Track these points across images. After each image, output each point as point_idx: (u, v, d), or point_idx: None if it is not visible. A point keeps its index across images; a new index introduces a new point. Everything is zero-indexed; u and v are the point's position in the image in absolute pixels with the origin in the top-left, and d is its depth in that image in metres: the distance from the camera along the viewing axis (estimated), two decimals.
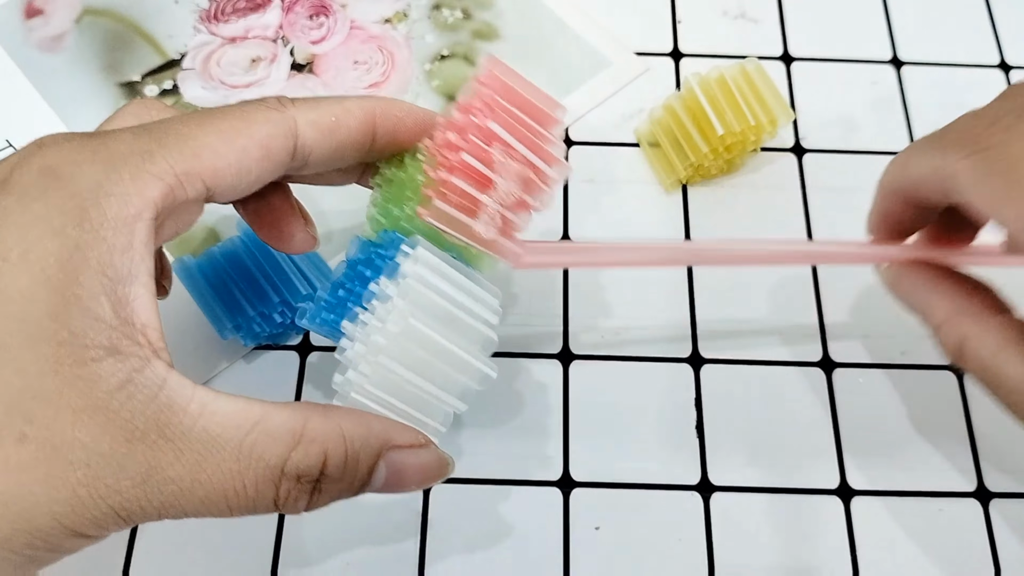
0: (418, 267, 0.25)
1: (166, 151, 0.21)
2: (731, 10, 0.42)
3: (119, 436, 0.19)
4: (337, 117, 0.25)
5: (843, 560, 0.30)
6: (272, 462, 0.21)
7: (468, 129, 0.25)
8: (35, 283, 0.19)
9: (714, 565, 0.30)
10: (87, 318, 0.19)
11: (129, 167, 0.20)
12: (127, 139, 0.21)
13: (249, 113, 0.23)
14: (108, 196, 0.20)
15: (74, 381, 0.19)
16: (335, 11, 0.41)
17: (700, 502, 0.31)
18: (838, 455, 0.32)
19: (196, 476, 0.20)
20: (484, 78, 0.27)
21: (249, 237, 0.32)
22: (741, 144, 0.36)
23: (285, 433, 0.21)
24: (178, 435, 0.20)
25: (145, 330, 0.20)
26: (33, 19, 0.41)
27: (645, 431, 0.32)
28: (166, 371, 0.20)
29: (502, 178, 0.26)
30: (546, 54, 0.40)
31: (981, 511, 0.31)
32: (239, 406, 0.21)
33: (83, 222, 0.20)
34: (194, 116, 0.22)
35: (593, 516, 0.31)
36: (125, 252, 0.20)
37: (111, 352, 0.19)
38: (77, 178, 0.20)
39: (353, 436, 0.22)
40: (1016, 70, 0.41)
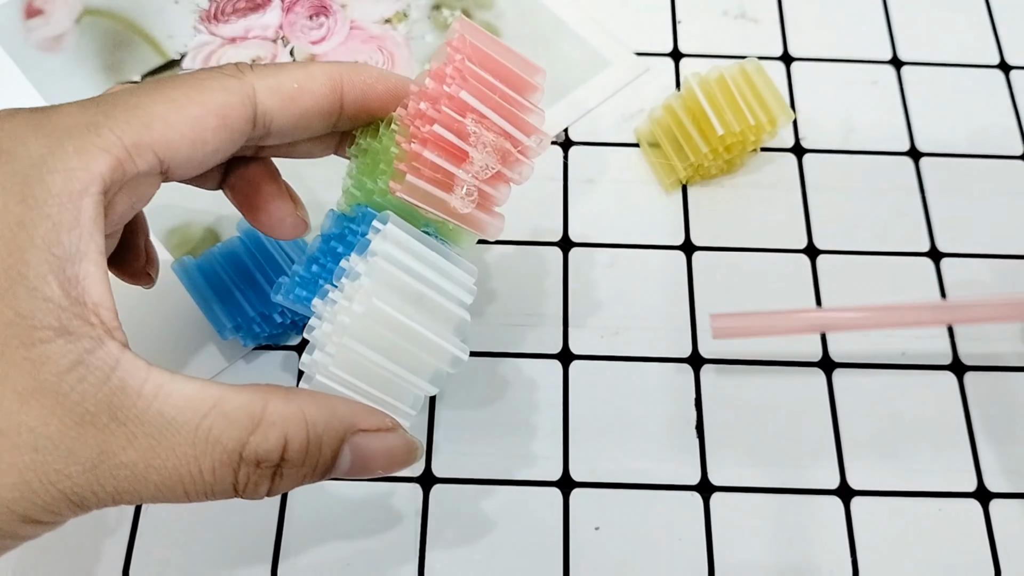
0: (387, 244, 0.23)
1: (113, 122, 0.20)
2: (731, 10, 0.42)
3: (68, 419, 0.19)
4: (300, 83, 0.24)
5: (843, 560, 0.30)
6: (229, 447, 0.20)
7: (440, 99, 0.24)
8: None
9: (714, 565, 0.30)
10: (34, 298, 0.19)
11: (74, 140, 0.20)
12: (73, 112, 0.20)
13: (203, 81, 0.22)
14: (52, 172, 0.19)
15: (21, 363, 0.18)
16: (335, 11, 0.41)
17: (700, 502, 0.31)
18: (838, 455, 0.32)
19: (150, 461, 0.19)
20: (456, 43, 0.25)
21: (249, 237, 0.32)
22: (741, 144, 0.36)
23: (244, 416, 0.20)
24: (131, 418, 0.19)
25: (97, 309, 0.19)
26: (33, 19, 0.41)
27: (645, 431, 0.32)
28: (119, 351, 0.19)
29: (477, 151, 0.25)
30: (546, 54, 0.40)
31: (981, 511, 0.31)
32: (196, 388, 0.20)
33: (26, 199, 0.19)
34: (145, 86, 0.22)
35: (593, 516, 0.31)
36: (72, 229, 0.19)
37: (60, 333, 0.19)
38: (19, 154, 0.19)
39: (316, 420, 0.21)
40: (1016, 70, 0.41)
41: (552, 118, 0.39)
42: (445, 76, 0.25)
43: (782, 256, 0.36)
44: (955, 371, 0.34)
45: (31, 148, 0.19)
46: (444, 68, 0.25)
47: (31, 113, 0.20)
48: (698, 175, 0.37)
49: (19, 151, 0.19)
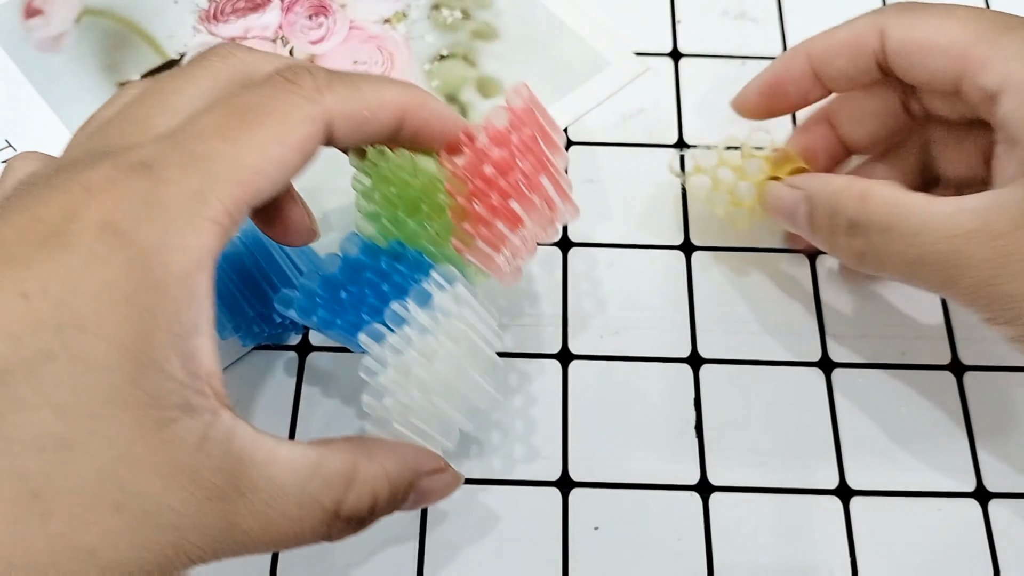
0: (455, 304, 0.25)
1: (214, 186, 0.20)
2: (731, 10, 0.42)
3: (201, 496, 0.20)
4: (371, 111, 0.24)
5: (843, 560, 0.30)
6: (329, 508, 0.22)
7: (510, 171, 0.26)
8: (112, 350, 0.19)
9: (713, 565, 0.30)
10: (161, 379, 0.19)
11: (184, 215, 0.20)
12: (175, 177, 0.20)
13: (288, 113, 0.22)
14: (170, 251, 0.20)
15: (159, 446, 0.19)
16: (334, 11, 0.41)
17: (699, 502, 0.31)
18: (837, 455, 0.32)
19: (266, 526, 0.21)
20: (523, 114, 0.27)
21: (248, 238, 0.32)
22: None
23: (339, 478, 0.22)
24: (249, 487, 0.20)
25: (210, 380, 0.20)
26: (33, 19, 0.41)
27: (644, 431, 0.32)
28: (232, 420, 0.20)
29: (531, 220, 0.27)
30: (545, 54, 0.40)
31: (980, 511, 0.31)
32: (298, 452, 0.21)
33: (149, 283, 0.19)
34: (231, 123, 0.21)
35: (592, 516, 0.31)
36: (190, 306, 0.20)
37: (185, 410, 0.20)
38: (138, 236, 0.19)
39: (393, 473, 0.23)
40: None
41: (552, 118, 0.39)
42: (509, 142, 0.26)
43: (783, 256, 0.36)
44: (955, 371, 0.34)
45: (147, 229, 0.19)
46: (508, 134, 0.26)
47: (132, 176, 0.20)
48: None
49: (137, 233, 0.19)
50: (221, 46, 0.24)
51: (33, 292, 0.18)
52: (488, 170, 0.26)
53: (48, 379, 0.18)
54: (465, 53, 0.40)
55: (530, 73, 0.40)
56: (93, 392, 0.18)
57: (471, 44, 0.41)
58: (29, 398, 0.18)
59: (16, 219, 0.19)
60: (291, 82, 0.23)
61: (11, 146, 0.37)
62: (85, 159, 0.21)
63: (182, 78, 0.23)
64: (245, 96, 0.22)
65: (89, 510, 0.18)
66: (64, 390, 0.18)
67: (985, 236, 0.25)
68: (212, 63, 0.24)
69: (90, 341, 0.19)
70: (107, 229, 0.19)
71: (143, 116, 0.22)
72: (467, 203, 0.26)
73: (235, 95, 0.22)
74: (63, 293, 0.19)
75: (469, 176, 0.26)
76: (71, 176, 0.20)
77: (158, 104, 0.22)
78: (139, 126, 0.22)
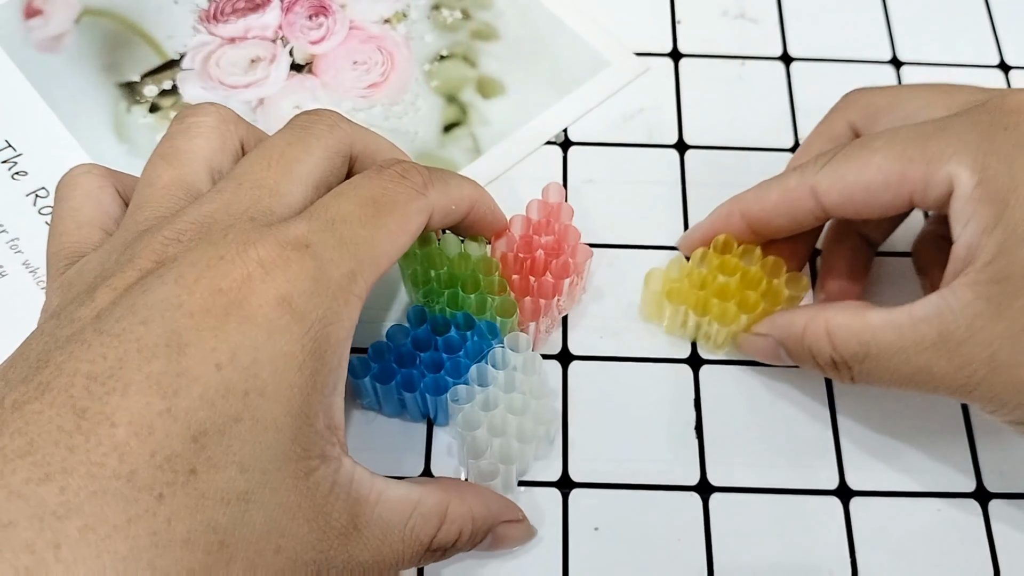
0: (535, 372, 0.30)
1: (362, 267, 0.23)
2: (731, 10, 0.42)
3: (332, 535, 0.22)
4: (457, 205, 0.28)
5: (842, 560, 0.30)
6: (425, 541, 0.24)
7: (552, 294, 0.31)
8: (284, 413, 0.21)
9: (713, 565, 0.30)
10: (311, 433, 0.22)
11: (343, 293, 0.23)
12: (333, 258, 0.23)
13: (407, 205, 0.25)
14: (331, 324, 0.22)
15: (305, 492, 0.22)
16: (334, 11, 0.41)
17: (699, 502, 0.31)
18: (837, 455, 0.32)
19: (376, 558, 0.23)
20: (562, 214, 0.33)
21: None
22: None
23: (434, 516, 0.25)
24: (364, 525, 0.23)
25: (338, 431, 0.23)
26: (33, 19, 0.41)
27: (644, 431, 0.32)
28: (352, 467, 0.23)
29: (563, 295, 0.32)
30: (545, 54, 0.40)
31: (980, 511, 0.31)
32: (401, 492, 0.24)
33: (316, 353, 0.22)
34: (367, 211, 0.24)
35: (592, 516, 0.31)
36: (336, 369, 0.23)
37: (323, 459, 0.22)
38: (309, 312, 0.22)
39: (478, 516, 0.26)
40: (1016, 70, 0.41)
41: (552, 118, 0.39)
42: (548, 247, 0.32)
43: None
44: None
45: (315, 305, 0.22)
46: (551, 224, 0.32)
47: (298, 255, 0.22)
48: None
49: (308, 309, 0.22)
50: (324, 115, 0.27)
51: (224, 362, 0.20)
52: (539, 254, 0.32)
53: (235, 440, 0.20)
54: (465, 53, 0.40)
55: (530, 73, 0.40)
56: (267, 450, 0.21)
57: (471, 44, 0.41)
58: (219, 457, 0.20)
59: (197, 288, 0.21)
60: (405, 178, 0.26)
61: (11, 146, 0.37)
62: (238, 226, 0.23)
63: (299, 146, 0.26)
64: (371, 186, 0.25)
65: (259, 555, 0.21)
66: (246, 449, 0.20)
67: (946, 348, 0.25)
68: (322, 132, 0.26)
69: (269, 405, 0.21)
70: (284, 304, 0.21)
71: (272, 184, 0.24)
72: (511, 280, 0.32)
73: (361, 185, 0.25)
74: (250, 363, 0.21)
75: (521, 258, 0.32)
76: (240, 249, 0.22)
77: (286, 174, 0.25)
78: (274, 195, 0.24)
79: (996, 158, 0.24)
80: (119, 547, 0.18)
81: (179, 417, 0.19)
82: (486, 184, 0.37)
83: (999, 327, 0.24)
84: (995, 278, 0.24)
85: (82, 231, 0.25)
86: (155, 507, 0.19)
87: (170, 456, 0.19)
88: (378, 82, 0.40)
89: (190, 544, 0.19)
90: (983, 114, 0.25)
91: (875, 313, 0.27)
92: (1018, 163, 0.24)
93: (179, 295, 0.21)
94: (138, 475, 0.19)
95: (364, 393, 0.31)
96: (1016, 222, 0.23)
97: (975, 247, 0.24)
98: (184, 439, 0.19)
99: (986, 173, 0.24)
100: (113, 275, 0.22)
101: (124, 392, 0.19)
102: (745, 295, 0.31)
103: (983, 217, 0.24)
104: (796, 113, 0.39)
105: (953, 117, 0.26)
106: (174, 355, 0.20)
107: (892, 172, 0.26)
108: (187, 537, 0.19)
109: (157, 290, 0.21)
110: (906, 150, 0.26)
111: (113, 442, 0.19)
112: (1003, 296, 0.24)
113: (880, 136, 0.27)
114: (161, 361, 0.20)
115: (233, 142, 0.27)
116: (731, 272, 0.32)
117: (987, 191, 0.24)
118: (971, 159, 0.24)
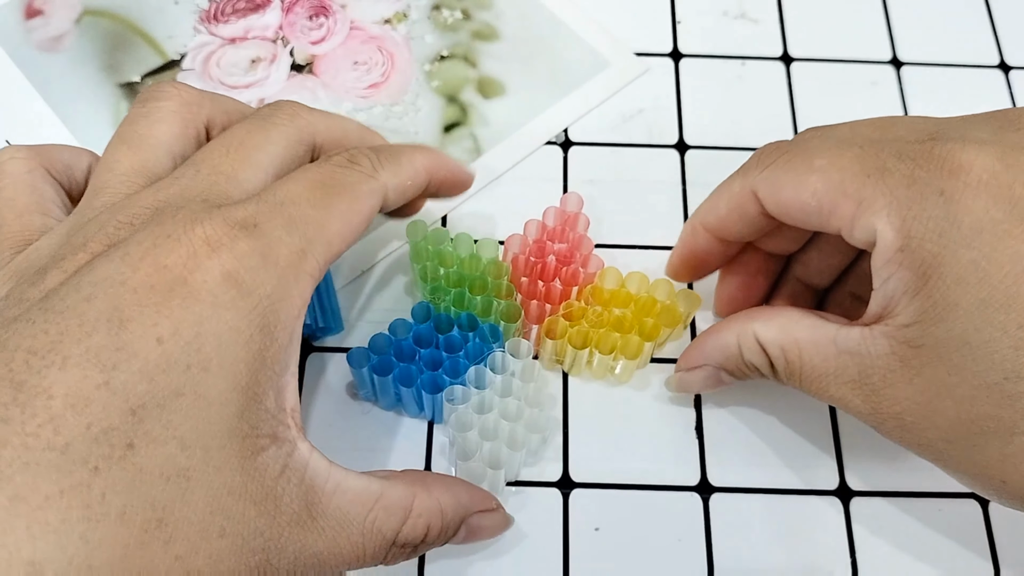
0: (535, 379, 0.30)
1: (312, 247, 0.23)
2: (731, 10, 0.42)
3: (283, 522, 0.21)
4: (412, 181, 0.28)
5: (843, 561, 0.30)
6: (388, 536, 0.24)
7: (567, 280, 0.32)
8: (229, 388, 0.21)
9: (713, 566, 0.30)
10: (260, 411, 0.21)
11: (292, 271, 0.22)
12: (282, 237, 0.23)
13: (357, 187, 0.25)
14: (280, 301, 0.22)
15: (252, 473, 0.21)
16: (335, 11, 0.41)
17: (699, 503, 0.31)
18: (837, 455, 0.32)
19: (332, 550, 0.23)
20: (578, 224, 0.33)
21: None
22: None
23: (398, 509, 0.24)
24: (320, 514, 0.22)
25: (293, 413, 0.23)
26: (33, 19, 0.41)
27: (645, 432, 0.32)
28: (308, 451, 0.23)
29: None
30: (545, 54, 0.40)
31: (980, 511, 0.31)
32: (363, 484, 0.23)
33: (264, 329, 0.22)
34: (316, 194, 0.24)
35: (593, 517, 0.31)
36: (287, 347, 0.22)
37: (273, 440, 0.22)
38: (256, 288, 0.22)
39: (447, 508, 0.25)
40: (1016, 70, 0.41)
41: (552, 118, 0.39)
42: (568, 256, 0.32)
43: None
44: None
45: (263, 281, 0.22)
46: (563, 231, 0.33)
47: (243, 234, 0.22)
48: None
49: (255, 285, 0.22)
50: (284, 105, 0.27)
51: (166, 336, 0.20)
52: (551, 259, 0.32)
53: (176, 415, 0.20)
54: (465, 53, 0.40)
55: (530, 73, 0.40)
56: (210, 426, 0.20)
57: (471, 44, 0.41)
58: (159, 432, 0.20)
59: (141, 266, 0.21)
60: (354, 163, 0.26)
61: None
62: (188, 208, 0.23)
63: (259, 134, 0.26)
64: (322, 171, 0.25)
65: (201, 536, 0.20)
66: (188, 425, 0.20)
67: (863, 389, 0.25)
68: (282, 121, 0.27)
69: (213, 380, 0.20)
70: (229, 280, 0.21)
71: (229, 170, 0.25)
72: (519, 283, 0.31)
73: (310, 170, 0.25)
74: (192, 337, 0.20)
75: (533, 262, 0.32)
76: (187, 227, 0.22)
77: (243, 160, 0.25)
78: (230, 180, 0.24)
79: (925, 226, 0.23)
80: (50, 518, 0.18)
81: (117, 390, 0.19)
82: (486, 184, 0.37)
83: (908, 391, 0.24)
84: (911, 343, 0.23)
85: (22, 219, 0.25)
86: (90, 480, 0.19)
87: (107, 429, 0.19)
88: (378, 82, 0.40)
89: (125, 519, 0.19)
90: (923, 169, 0.23)
91: (801, 330, 0.26)
92: (947, 237, 0.22)
93: (123, 272, 0.21)
94: (73, 447, 0.19)
95: (362, 384, 0.31)
96: (936, 299, 0.22)
97: (894, 305, 0.24)
98: (122, 412, 0.19)
99: (910, 241, 0.23)
100: (64, 258, 0.22)
101: (63, 366, 0.19)
102: (643, 323, 0.31)
103: (904, 282, 0.23)
104: (796, 113, 0.39)
105: (896, 160, 0.24)
106: (114, 330, 0.20)
107: (825, 201, 0.25)
108: (122, 512, 0.19)
109: (102, 268, 0.21)
110: (843, 182, 0.24)
111: (49, 414, 0.19)
112: (916, 362, 0.23)
113: (823, 152, 0.25)
114: (101, 335, 0.20)
115: (196, 125, 0.27)
116: (624, 303, 0.32)
117: (910, 259, 0.23)
118: (899, 221, 0.23)
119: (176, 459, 0.20)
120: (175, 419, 0.20)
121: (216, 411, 0.20)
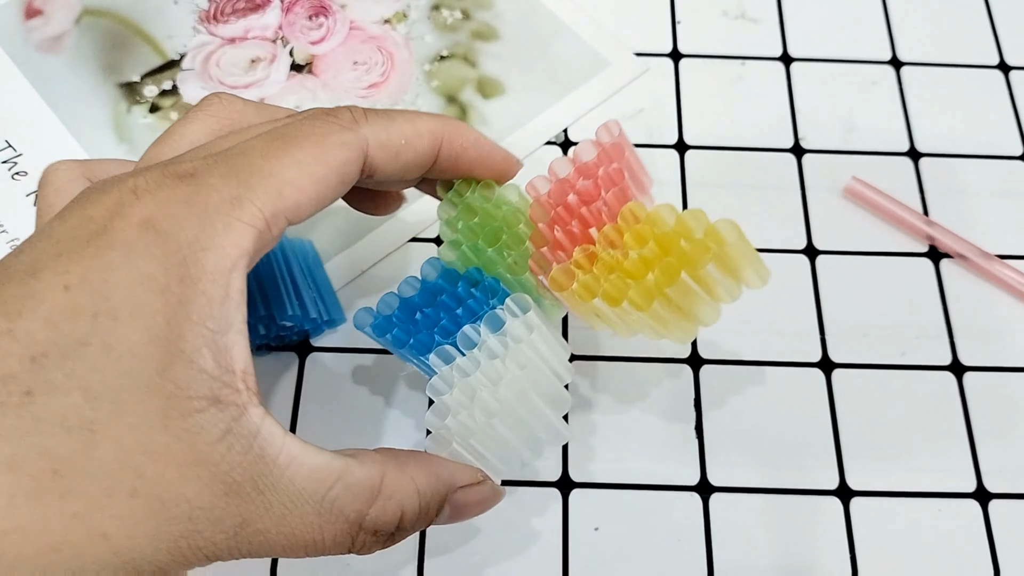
0: (527, 332, 0.25)
1: (253, 195, 0.21)
2: (731, 10, 0.42)
3: (218, 490, 0.20)
4: (407, 140, 0.25)
5: (843, 560, 0.30)
6: (352, 518, 0.22)
7: (591, 199, 0.26)
8: (143, 340, 0.19)
9: (713, 565, 0.30)
10: (191, 370, 0.20)
11: (222, 217, 0.21)
12: (216, 184, 0.21)
13: (324, 136, 0.23)
14: (206, 250, 0.20)
15: (180, 435, 0.19)
16: (334, 11, 0.41)
17: (699, 503, 0.31)
18: (837, 455, 0.32)
19: (281, 528, 0.21)
20: (609, 147, 0.27)
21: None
22: None
23: (364, 489, 0.22)
24: (268, 487, 0.20)
25: (245, 377, 0.21)
26: (33, 19, 0.41)
27: (645, 431, 0.32)
28: (261, 418, 0.21)
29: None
30: (545, 54, 0.40)
31: (980, 511, 0.31)
32: (323, 460, 0.21)
33: (184, 278, 0.20)
34: (273, 144, 0.22)
35: (592, 516, 0.31)
36: (223, 303, 0.20)
37: (213, 402, 0.20)
38: (176, 233, 0.20)
39: (424, 487, 0.23)
40: (1016, 70, 0.41)
41: (552, 118, 0.39)
42: (596, 174, 0.26)
43: (782, 256, 0.36)
44: (955, 371, 0.34)
45: (185, 227, 0.20)
46: (595, 167, 0.26)
47: (176, 182, 0.21)
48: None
49: (175, 230, 0.20)
50: (214, 95, 0.26)
51: (74, 283, 0.19)
52: (571, 198, 0.26)
53: (80, 364, 0.19)
54: (465, 53, 0.40)
55: (530, 73, 0.40)
56: (121, 379, 0.19)
57: (471, 44, 0.41)
58: (61, 381, 0.19)
59: (71, 218, 0.20)
60: (330, 115, 0.24)
61: (11, 146, 0.37)
62: (135, 171, 0.22)
63: (186, 118, 0.25)
64: (288, 125, 0.23)
65: (106, 494, 0.19)
66: (94, 376, 0.19)
67: None
68: (211, 104, 0.25)
69: (122, 330, 0.19)
70: (147, 226, 0.20)
71: (155, 153, 0.24)
72: (547, 229, 0.26)
73: (279, 125, 0.23)
74: (101, 284, 0.19)
75: (552, 204, 0.27)
76: (122, 180, 0.21)
77: (168, 136, 0.24)
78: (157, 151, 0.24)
79: None
80: None
81: (19, 337, 0.19)
82: None
83: None
84: None
85: None
86: None
87: (5, 376, 0.18)
88: (378, 82, 0.40)
89: (14, 467, 0.18)
90: None
91: None
92: None
93: (52, 225, 0.20)
94: None
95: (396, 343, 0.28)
96: None
97: None
98: (22, 360, 0.19)
99: None
100: None
101: None
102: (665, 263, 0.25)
103: None
104: (796, 113, 0.39)
105: None
106: (26, 279, 0.19)
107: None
108: (11, 460, 0.18)
109: (42, 228, 0.21)
110: None
111: None
112: None
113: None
114: (15, 285, 0.19)
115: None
116: (642, 242, 0.25)
117: None
118: None
119: (80, 410, 0.19)
120: (79, 369, 0.19)
121: (128, 364, 0.19)
